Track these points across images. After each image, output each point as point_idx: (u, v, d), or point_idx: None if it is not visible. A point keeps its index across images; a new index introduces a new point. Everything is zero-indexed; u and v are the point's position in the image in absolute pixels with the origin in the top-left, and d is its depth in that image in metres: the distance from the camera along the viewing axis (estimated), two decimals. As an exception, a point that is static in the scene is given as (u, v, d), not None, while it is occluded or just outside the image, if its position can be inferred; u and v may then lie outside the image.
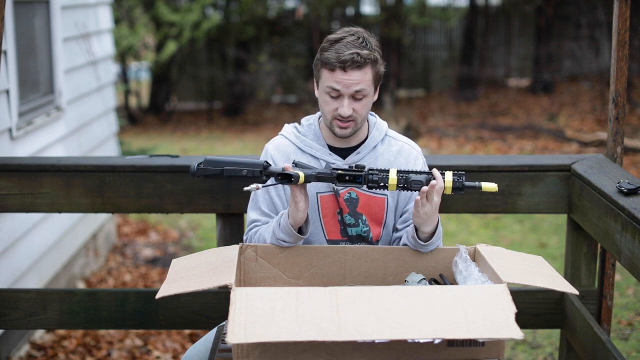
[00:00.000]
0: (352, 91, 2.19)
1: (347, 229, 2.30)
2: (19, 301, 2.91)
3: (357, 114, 2.22)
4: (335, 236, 2.31)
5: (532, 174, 2.84)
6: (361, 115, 2.23)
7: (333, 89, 2.19)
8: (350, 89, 2.19)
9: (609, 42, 9.27)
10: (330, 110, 2.23)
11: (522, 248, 5.74)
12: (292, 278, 2.19)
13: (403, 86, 14.42)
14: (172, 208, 2.86)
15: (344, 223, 2.30)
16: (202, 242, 6.03)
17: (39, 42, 4.64)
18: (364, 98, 2.22)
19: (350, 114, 2.20)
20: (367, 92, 2.21)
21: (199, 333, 4.06)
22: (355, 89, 2.19)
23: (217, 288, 1.87)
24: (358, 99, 2.21)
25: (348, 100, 2.20)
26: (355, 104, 2.21)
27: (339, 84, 2.18)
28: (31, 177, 2.83)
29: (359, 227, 2.31)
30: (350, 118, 2.22)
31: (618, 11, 2.64)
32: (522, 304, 2.91)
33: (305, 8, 13.11)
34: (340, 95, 2.20)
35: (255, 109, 13.38)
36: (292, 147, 2.33)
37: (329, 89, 2.20)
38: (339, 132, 2.25)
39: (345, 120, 2.22)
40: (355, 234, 2.31)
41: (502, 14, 15.06)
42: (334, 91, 2.20)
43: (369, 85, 2.21)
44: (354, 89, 2.19)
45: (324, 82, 2.21)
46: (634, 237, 2.21)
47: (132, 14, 11.52)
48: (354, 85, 2.18)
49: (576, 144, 9.36)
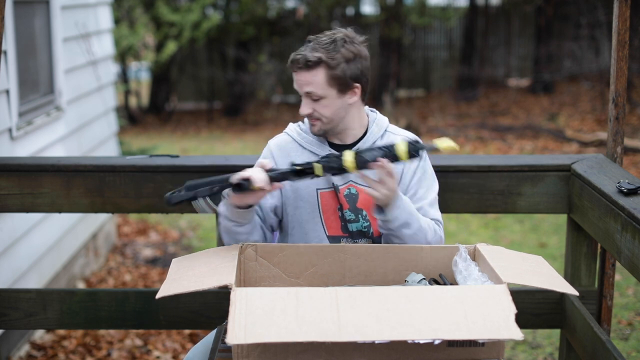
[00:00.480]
0: (304, 91, 2.26)
1: (347, 224, 2.30)
2: (19, 301, 2.91)
3: (319, 114, 2.26)
4: (335, 232, 2.31)
5: (532, 174, 2.84)
6: (324, 116, 2.26)
7: (296, 88, 2.29)
8: (302, 89, 2.26)
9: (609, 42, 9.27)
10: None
11: (522, 248, 5.74)
12: (292, 277, 2.19)
13: (403, 86, 14.42)
14: (172, 208, 2.85)
15: (344, 219, 2.30)
16: (202, 242, 6.03)
17: (39, 42, 4.64)
18: (321, 99, 2.24)
19: (308, 113, 2.26)
20: (322, 94, 2.24)
21: (199, 333, 4.06)
22: (305, 89, 2.25)
23: (217, 288, 1.87)
24: (315, 99, 2.25)
25: (305, 100, 2.27)
26: (314, 104, 2.26)
27: (295, 84, 2.28)
28: (31, 177, 2.83)
29: (359, 222, 2.31)
30: (312, 117, 2.27)
31: (618, 11, 2.64)
32: (522, 304, 2.91)
33: (305, 8, 13.11)
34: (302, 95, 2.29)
35: (255, 109, 13.38)
36: (294, 144, 2.35)
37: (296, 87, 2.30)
38: (311, 130, 2.32)
39: (310, 118, 2.28)
40: (356, 230, 2.31)
41: (502, 14, 15.06)
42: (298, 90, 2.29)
43: (322, 87, 2.23)
44: (305, 90, 2.25)
45: None
46: (634, 237, 2.21)
47: (132, 14, 11.52)
48: (305, 86, 2.25)
49: (576, 144, 9.36)
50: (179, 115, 13.15)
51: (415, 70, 14.79)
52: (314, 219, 2.30)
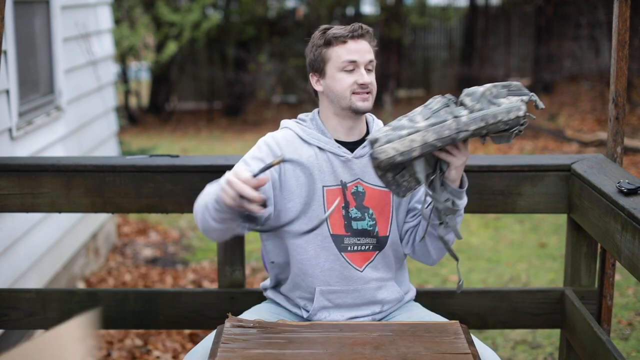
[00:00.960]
0: (367, 59, 2.25)
1: (351, 223, 2.29)
2: (19, 301, 2.91)
3: (372, 86, 2.27)
4: (339, 231, 2.29)
5: (532, 174, 2.84)
6: (375, 89, 2.29)
7: (350, 62, 2.24)
8: (365, 57, 2.25)
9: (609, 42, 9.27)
10: (348, 86, 2.25)
11: (522, 248, 5.75)
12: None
13: (403, 86, 14.42)
14: (172, 208, 2.85)
15: (348, 218, 2.29)
16: (202, 242, 6.03)
17: (39, 42, 4.64)
18: (373, 71, 2.29)
19: (370, 81, 2.25)
20: (375, 66, 2.28)
21: (199, 333, 4.06)
22: (368, 57, 2.26)
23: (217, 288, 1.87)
24: (369, 69, 2.27)
25: (364, 70, 2.25)
26: (369, 75, 2.26)
27: (355, 54, 2.24)
28: (31, 177, 2.83)
29: (365, 221, 2.30)
30: (369, 88, 2.26)
31: (618, 11, 2.64)
32: (522, 304, 2.91)
33: (305, 8, 13.11)
34: (356, 67, 2.25)
35: (255, 109, 13.38)
36: (298, 139, 2.32)
37: (346, 62, 2.24)
38: (361, 106, 2.26)
39: (365, 90, 2.25)
40: (360, 228, 2.30)
41: (502, 14, 15.06)
42: (351, 63, 2.24)
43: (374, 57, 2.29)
44: (368, 58, 2.25)
45: (338, 59, 2.25)
46: (634, 237, 2.21)
47: (132, 14, 11.52)
48: (367, 53, 2.26)
49: (576, 144, 9.36)
50: (179, 115, 13.15)
51: (415, 70, 14.79)
52: (318, 216, 2.26)
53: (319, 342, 2.08)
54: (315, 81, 2.32)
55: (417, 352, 2.01)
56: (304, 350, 2.03)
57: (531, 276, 5.11)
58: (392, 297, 2.37)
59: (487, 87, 2.06)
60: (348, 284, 2.32)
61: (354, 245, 2.31)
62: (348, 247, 2.30)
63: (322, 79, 2.29)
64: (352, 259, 2.31)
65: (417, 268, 5.10)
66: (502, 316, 2.92)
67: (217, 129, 12.00)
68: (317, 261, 2.30)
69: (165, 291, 2.99)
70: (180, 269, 5.34)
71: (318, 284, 2.31)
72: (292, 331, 2.14)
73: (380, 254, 2.33)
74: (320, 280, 2.31)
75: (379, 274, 2.34)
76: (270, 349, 2.03)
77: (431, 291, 3.03)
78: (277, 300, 2.44)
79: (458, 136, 2.02)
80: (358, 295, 2.33)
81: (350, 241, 2.30)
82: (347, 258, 2.30)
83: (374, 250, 2.33)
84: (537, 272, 5.20)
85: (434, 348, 2.04)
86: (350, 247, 2.30)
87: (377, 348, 2.03)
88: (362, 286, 2.32)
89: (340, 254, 2.30)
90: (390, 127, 2.07)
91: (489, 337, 4.09)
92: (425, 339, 2.09)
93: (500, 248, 5.77)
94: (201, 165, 2.82)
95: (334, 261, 2.30)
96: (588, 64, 11.92)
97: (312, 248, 2.29)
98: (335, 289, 2.32)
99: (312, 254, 2.30)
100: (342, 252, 2.30)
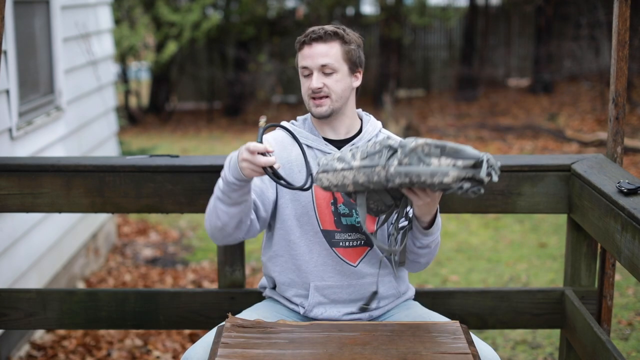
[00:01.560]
0: (318, 64, 2.26)
1: (341, 219, 2.32)
2: (19, 301, 2.91)
3: (329, 90, 2.27)
4: (329, 226, 2.32)
5: (532, 174, 2.84)
6: (335, 92, 2.28)
7: (304, 67, 2.28)
8: (316, 61, 2.26)
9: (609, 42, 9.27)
10: (305, 91, 2.31)
11: (522, 248, 5.75)
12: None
13: (403, 86, 14.42)
14: (172, 208, 2.85)
15: (337, 213, 2.32)
16: (202, 242, 6.03)
17: (39, 42, 4.64)
18: (334, 74, 2.27)
19: (320, 87, 2.26)
20: (336, 68, 2.27)
21: (199, 333, 4.06)
22: (320, 62, 2.25)
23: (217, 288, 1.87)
24: (327, 73, 2.27)
25: (317, 74, 2.27)
26: (325, 79, 2.27)
27: (306, 59, 2.27)
28: (31, 177, 2.83)
29: (352, 217, 2.32)
30: (322, 93, 2.27)
31: (618, 11, 2.64)
32: (522, 304, 2.91)
33: (305, 8, 13.11)
34: (311, 72, 2.27)
35: (255, 109, 13.38)
36: (289, 138, 2.37)
37: (301, 68, 2.29)
38: (315, 111, 2.30)
39: (318, 94, 2.27)
40: (349, 224, 2.32)
41: (502, 14, 15.06)
42: (305, 69, 2.28)
43: (337, 60, 2.27)
44: (320, 62, 2.25)
45: (298, 65, 2.31)
46: (634, 237, 2.21)
47: (132, 14, 11.52)
48: (319, 58, 2.26)
49: (576, 144, 9.36)
50: (179, 115, 13.15)
51: (415, 70, 14.79)
52: (308, 213, 2.31)
53: (319, 342, 2.08)
54: None
55: (417, 352, 2.01)
56: (304, 350, 2.03)
57: (531, 276, 5.11)
58: (389, 293, 2.38)
59: (420, 143, 1.91)
60: (342, 279, 2.33)
61: (346, 241, 2.33)
62: (340, 242, 2.33)
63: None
64: (345, 254, 2.33)
65: (417, 268, 5.09)
66: (502, 316, 2.92)
67: (217, 129, 12.00)
68: (311, 256, 2.33)
69: (165, 291, 2.99)
70: (180, 269, 5.34)
71: (312, 279, 2.33)
72: (292, 331, 2.14)
73: (372, 249, 2.35)
74: (314, 275, 2.33)
75: (375, 270, 2.35)
76: (270, 349, 2.03)
77: (431, 291, 3.03)
78: (275, 298, 2.45)
79: (387, 184, 1.98)
80: (353, 291, 2.34)
81: (342, 237, 2.32)
82: (339, 253, 2.32)
83: (366, 246, 2.35)
84: (537, 272, 5.20)
85: (434, 348, 2.04)
86: (342, 242, 2.33)
87: (377, 348, 2.03)
88: (357, 281, 2.34)
89: (331, 249, 2.32)
90: (334, 156, 2.08)
91: (489, 337, 4.09)
92: (425, 339, 2.09)
93: (500, 248, 5.77)
94: (201, 165, 2.82)
95: (326, 256, 2.32)
96: (588, 64, 11.92)
97: (305, 243, 2.32)
98: (330, 284, 2.33)
99: (305, 249, 2.33)
100: (333, 248, 2.32)
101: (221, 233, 2.27)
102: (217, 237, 2.30)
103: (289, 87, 13.29)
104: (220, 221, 2.23)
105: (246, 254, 4.33)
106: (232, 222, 2.23)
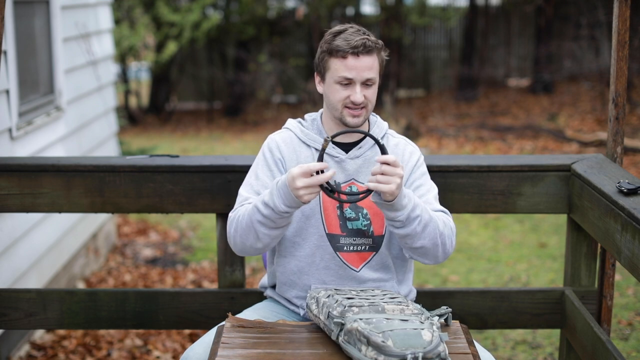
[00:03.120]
0: (364, 77, 2.21)
1: (346, 223, 2.30)
2: (19, 301, 2.91)
3: (367, 101, 2.25)
4: (334, 230, 2.30)
5: (532, 174, 2.84)
6: (371, 102, 2.27)
7: (345, 78, 2.22)
8: (363, 74, 2.21)
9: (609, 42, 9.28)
10: (340, 99, 2.24)
11: (522, 248, 5.75)
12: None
13: (403, 86, 14.42)
14: (172, 208, 2.86)
15: (343, 217, 2.30)
16: (202, 242, 6.03)
17: (39, 42, 4.64)
18: (373, 85, 2.25)
19: (362, 101, 2.22)
20: (376, 80, 2.25)
21: (199, 333, 4.06)
22: (367, 75, 2.21)
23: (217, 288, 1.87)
24: (368, 85, 2.24)
25: (360, 87, 2.22)
26: (365, 90, 2.24)
27: (351, 71, 2.21)
28: (31, 177, 2.83)
29: (359, 220, 2.30)
30: (362, 105, 2.24)
31: (618, 11, 2.64)
32: (522, 304, 2.91)
33: (305, 8, 13.11)
34: (352, 83, 2.22)
35: (255, 109, 13.38)
36: (297, 140, 2.35)
37: (341, 77, 2.22)
38: (351, 121, 2.25)
39: (358, 107, 2.24)
40: (355, 228, 2.31)
41: (502, 14, 15.06)
42: (346, 79, 2.22)
43: (377, 72, 2.25)
44: (365, 76, 2.21)
45: (335, 72, 2.23)
46: (634, 237, 2.21)
47: (132, 14, 11.52)
48: (366, 71, 2.21)
49: (576, 144, 9.36)
50: (179, 115, 13.15)
51: (415, 70, 14.79)
52: (314, 216, 2.29)
53: (319, 342, 2.08)
54: (317, 82, 2.34)
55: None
56: (304, 350, 2.03)
57: (531, 276, 5.11)
58: None
59: (354, 327, 1.93)
60: (343, 283, 2.32)
61: (350, 246, 2.31)
62: (344, 247, 2.31)
63: (323, 83, 2.30)
64: (348, 259, 2.31)
65: (417, 268, 5.09)
66: (502, 316, 2.92)
67: (217, 129, 12.00)
68: (313, 259, 2.31)
69: (165, 291, 2.99)
70: (180, 269, 5.34)
71: (313, 281, 2.32)
72: (292, 331, 2.14)
73: (377, 254, 2.33)
74: (315, 278, 2.32)
75: (377, 275, 2.34)
76: (270, 349, 2.03)
77: (431, 291, 3.03)
78: (276, 299, 2.44)
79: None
80: None
81: (346, 241, 2.31)
82: (343, 258, 2.31)
83: (371, 251, 2.33)
84: (537, 272, 5.20)
85: (434, 348, 2.03)
86: (346, 247, 2.31)
87: (377, 348, 2.03)
88: (357, 286, 2.32)
89: (335, 253, 2.30)
90: (312, 295, 2.17)
91: (489, 337, 4.09)
92: (425, 339, 2.08)
93: (500, 248, 5.77)
94: (201, 165, 2.82)
95: (329, 260, 2.31)
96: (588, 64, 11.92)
97: (308, 246, 2.31)
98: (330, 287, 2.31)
99: (308, 252, 2.31)
100: (337, 252, 2.31)
101: (257, 251, 2.26)
102: (249, 253, 2.28)
103: (289, 87, 13.29)
104: (262, 243, 2.21)
105: (246, 254, 4.34)
106: (274, 242, 2.23)
